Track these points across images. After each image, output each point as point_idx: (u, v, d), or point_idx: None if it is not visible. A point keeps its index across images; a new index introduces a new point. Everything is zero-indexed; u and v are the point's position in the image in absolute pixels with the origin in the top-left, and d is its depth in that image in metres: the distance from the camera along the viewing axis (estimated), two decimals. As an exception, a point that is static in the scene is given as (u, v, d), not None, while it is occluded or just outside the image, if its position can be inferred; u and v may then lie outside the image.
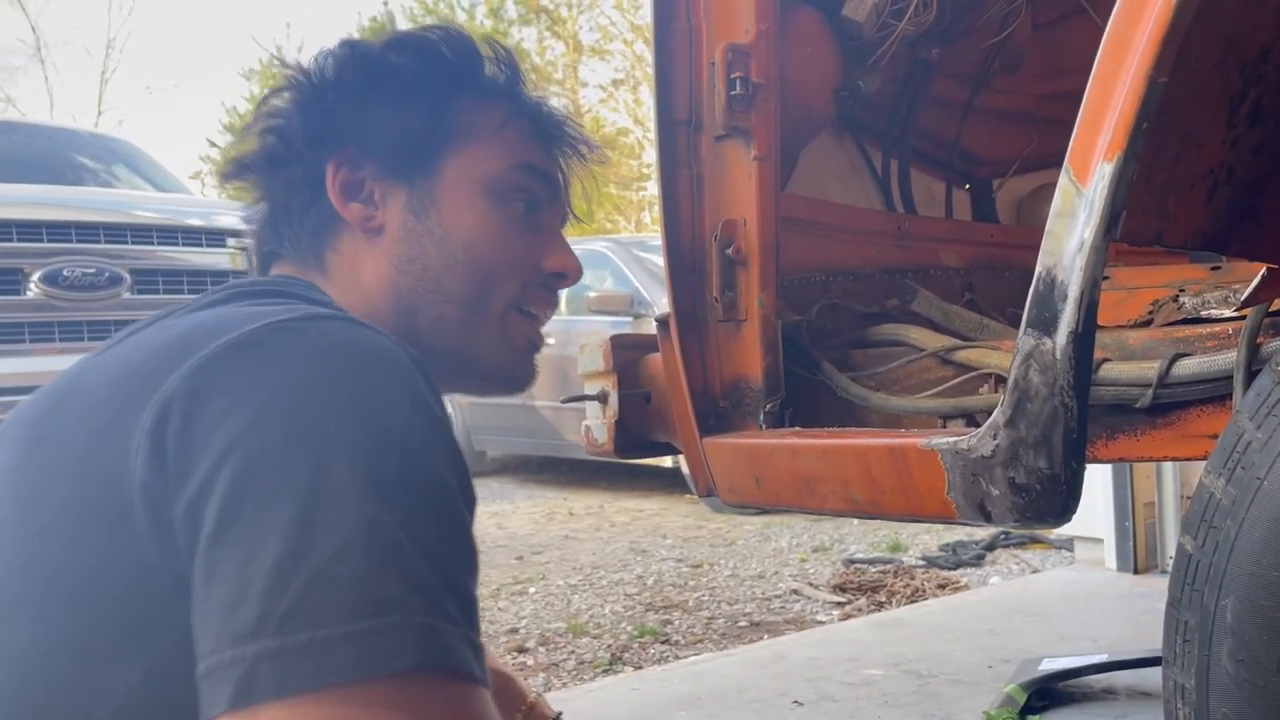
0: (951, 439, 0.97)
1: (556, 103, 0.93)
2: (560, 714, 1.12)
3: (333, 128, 0.81)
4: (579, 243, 6.56)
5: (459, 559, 0.57)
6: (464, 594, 0.56)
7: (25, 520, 0.60)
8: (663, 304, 1.40)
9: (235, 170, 0.85)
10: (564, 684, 2.54)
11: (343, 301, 0.76)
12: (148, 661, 0.56)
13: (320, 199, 0.81)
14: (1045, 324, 0.84)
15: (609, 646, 2.84)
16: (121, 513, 0.56)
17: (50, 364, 3.17)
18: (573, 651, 2.82)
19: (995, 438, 0.90)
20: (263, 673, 0.50)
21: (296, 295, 0.72)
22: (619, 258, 5.84)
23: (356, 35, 0.87)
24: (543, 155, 0.89)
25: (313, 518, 0.52)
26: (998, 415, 0.90)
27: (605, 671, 2.63)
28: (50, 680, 0.57)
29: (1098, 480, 3.12)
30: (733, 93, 1.29)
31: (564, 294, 5.49)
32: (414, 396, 0.59)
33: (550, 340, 5.75)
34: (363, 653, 0.50)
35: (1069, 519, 0.90)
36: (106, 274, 3.33)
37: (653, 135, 1.40)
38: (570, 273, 0.88)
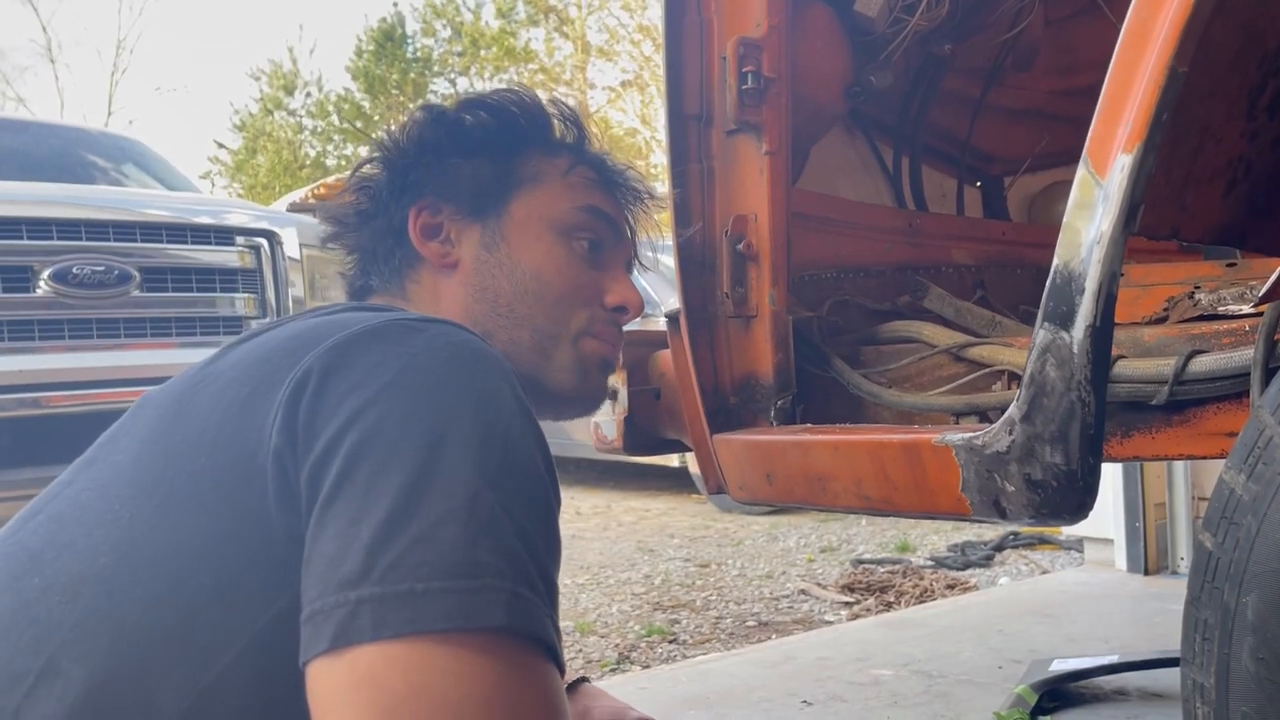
0: (966, 435, 0.96)
1: (616, 159, 1.01)
2: (584, 678, 1.14)
3: (414, 180, 0.92)
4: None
5: (547, 544, 0.61)
6: (548, 577, 0.61)
7: (158, 488, 0.65)
8: (672, 304, 1.39)
9: (331, 228, 0.96)
10: (571, 683, 2.53)
11: None
12: (262, 621, 0.61)
13: (404, 243, 0.90)
14: (1062, 318, 0.83)
15: (616, 646, 2.83)
16: (254, 478, 0.61)
17: (59, 361, 3.17)
18: (580, 650, 2.81)
19: (1011, 433, 0.89)
20: (363, 615, 0.54)
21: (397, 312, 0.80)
22: (627, 257, 5.83)
23: (435, 100, 1.02)
24: (605, 199, 0.96)
25: (422, 485, 0.57)
26: (1013, 410, 0.89)
27: (613, 671, 2.62)
28: (172, 635, 0.61)
29: (1108, 480, 3.10)
30: (744, 87, 1.28)
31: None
32: (515, 394, 0.65)
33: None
34: (456, 606, 0.55)
35: (1085, 515, 0.89)
36: (116, 272, 3.33)
37: (661, 136, 1.39)
38: (631, 306, 0.95)
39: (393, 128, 0.96)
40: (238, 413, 0.64)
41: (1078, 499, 0.87)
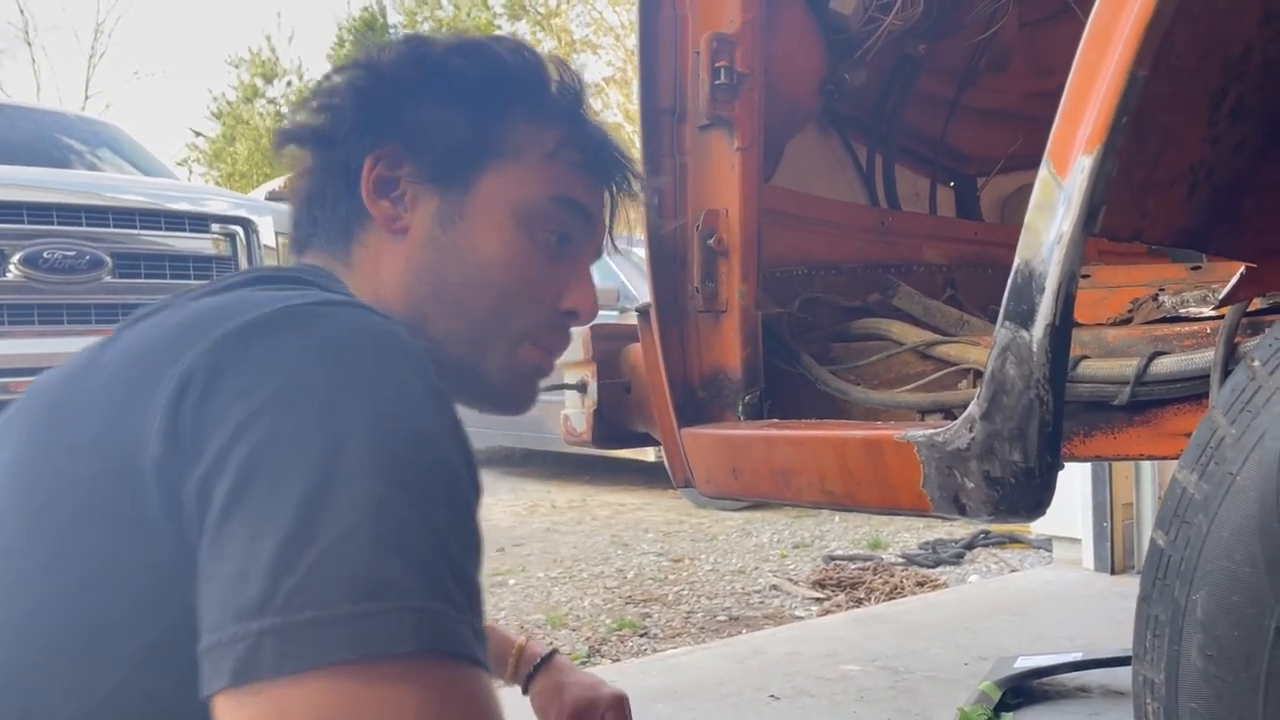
0: (927, 431, 0.96)
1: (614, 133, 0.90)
2: (554, 651, 1.14)
3: (380, 120, 0.80)
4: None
5: (464, 545, 0.57)
6: (468, 579, 0.56)
7: (35, 493, 0.60)
8: (646, 298, 1.39)
9: (284, 139, 0.84)
10: (541, 676, 2.54)
11: (359, 295, 0.75)
12: (150, 637, 0.56)
13: (354, 190, 0.80)
14: (1022, 316, 0.84)
15: (587, 639, 2.83)
16: (134, 487, 0.57)
17: (28, 347, 3.14)
18: (551, 643, 2.81)
19: (971, 430, 0.90)
20: (265, 648, 0.51)
21: (313, 284, 0.72)
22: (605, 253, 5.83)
23: (425, 32, 0.93)
24: (587, 190, 0.86)
25: (323, 498, 0.53)
26: (974, 408, 0.90)
27: (583, 663, 2.62)
28: (52, 654, 0.57)
29: (1076, 481, 3.14)
30: (717, 82, 1.28)
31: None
32: (427, 383, 0.60)
33: (535, 333, 5.74)
34: (363, 633, 0.51)
35: (1042, 513, 0.89)
36: (87, 257, 3.30)
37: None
38: (584, 314, 0.86)
39: (372, 49, 0.83)
40: (119, 414, 0.59)
41: (1035, 496, 0.88)
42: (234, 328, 0.59)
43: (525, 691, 1.15)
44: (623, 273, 5.61)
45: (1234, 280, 1.03)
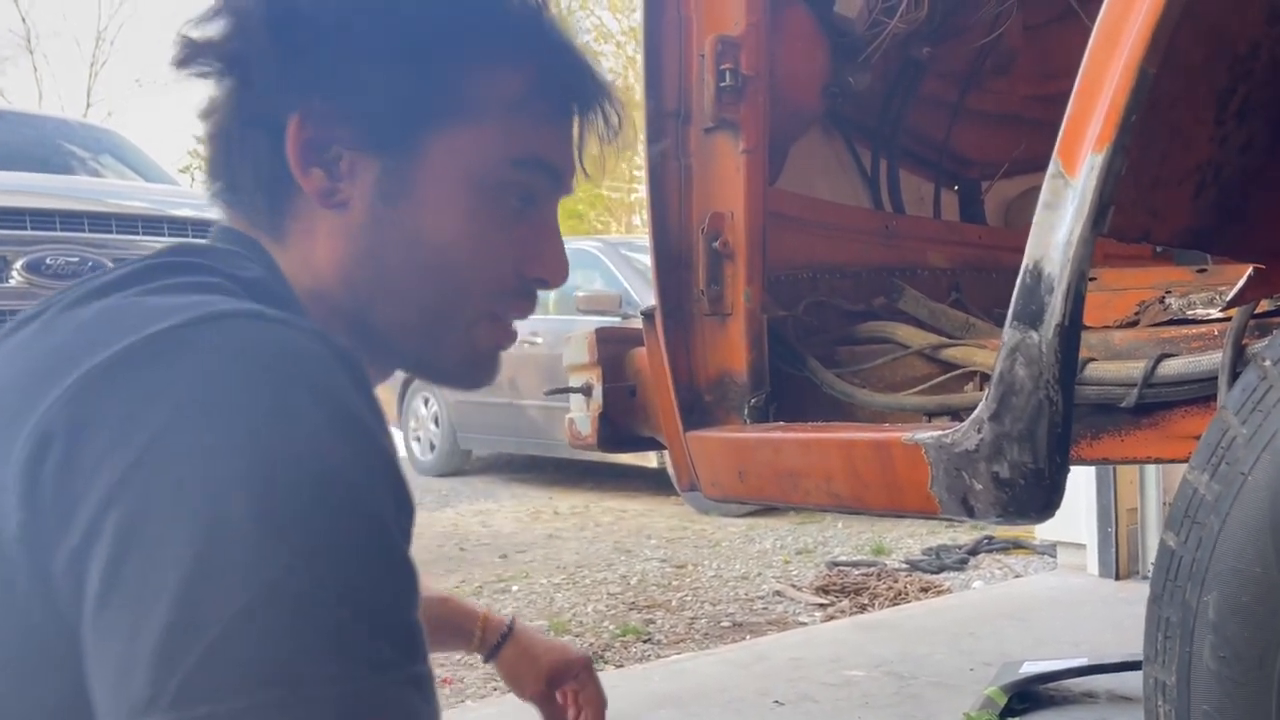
0: (936, 433, 0.96)
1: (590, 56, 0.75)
2: (513, 619, 1.15)
3: (304, 68, 0.65)
4: (569, 243, 6.55)
5: (390, 589, 0.50)
6: (399, 627, 0.50)
7: None
8: (650, 302, 1.39)
9: (189, 55, 0.67)
10: (544, 682, 2.53)
11: (294, 277, 0.67)
12: (49, 707, 0.50)
13: (279, 150, 0.65)
14: (1031, 317, 0.84)
15: (591, 645, 2.83)
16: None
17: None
18: (554, 649, 2.81)
19: (979, 432, 0.90)
20: None
21: (215, 271, 0.61)
22: (608, 258, 5.84)
23: None
24: (556, 141, 0.72)
25: (208, 573, 0.46)
26: (982, 409, 0.90)
27: (586, 670, 2.62)
28: None
29: (1081, 486, 3.13)
30: (722, 84, 1.28)
31: (553, 294, 5.35)
32: (333, 410, 0.51)
33: (538, 339, 5.75)
34: None
35: (1052, 514, 0.89)
36: (90, 263, 3.31)
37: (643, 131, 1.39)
38: (554, 279, 0.74)
39: None
40: None
41: (1045, 497, 0.87)
42: (97, 365, 0.51)
43: (489, 660, 1.15)
44: (625, 278, 5.61)
45: (1241, 282, 1.03)
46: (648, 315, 1.39)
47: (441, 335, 0.70)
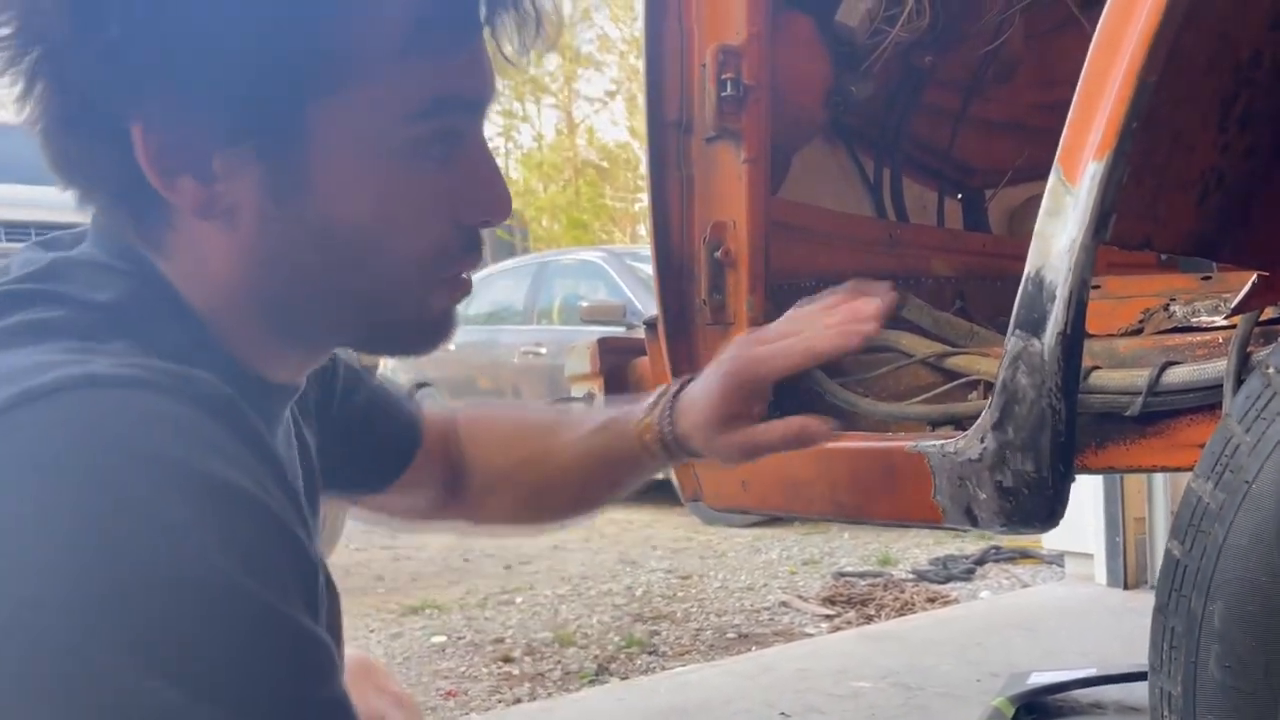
0: (939, 442, 0.96)
1: None
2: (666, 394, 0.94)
3: (132, 60, 0.51)
4: (573, 253, 6.57)
5: (298, 680, 0.44)
6: (317, 713, 0.45)
7: None
8: (654, 312, 1.39)
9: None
10: (549, 694, 2.52)
11: (190, 291, 0.56)
12: None
13: (129, 159, 0.53)
14: (1034, 325, 0.84)
15: (595, 657, 2.82)
16: None
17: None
18: (559, 661, 2.80)
19: (983, 440, 0.89)
20: None
21: (63, 300, 0.51)
22: (612, 268, 5.85)
23: None
24: (465, 66, 0.58)
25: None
26: (985, 418, 0.89)
27: (591, 682, 2.61)
28: None
29: (1088, 495, 3.12)
30: (723, 94, 1.28)
31: (557, 304, 5.36)
32: (188, 489, 0.43)
33: (542, 349, 5.76)
34: None
35: (1055, 524, 0.88)
36: None
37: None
38: (497, 215, 0.62)
39: None
40: None
41: (1048, 507, 0.87)
42: None
43: (673, 457, 0.94)
44: (629, 288, 5.61)
45: (1245, 289, 1.02)
46: (650, 325, 1.39)
47: (387, 318, 0.60)
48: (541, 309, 6.35)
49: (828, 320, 0.90)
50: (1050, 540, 3.38)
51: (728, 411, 0.88)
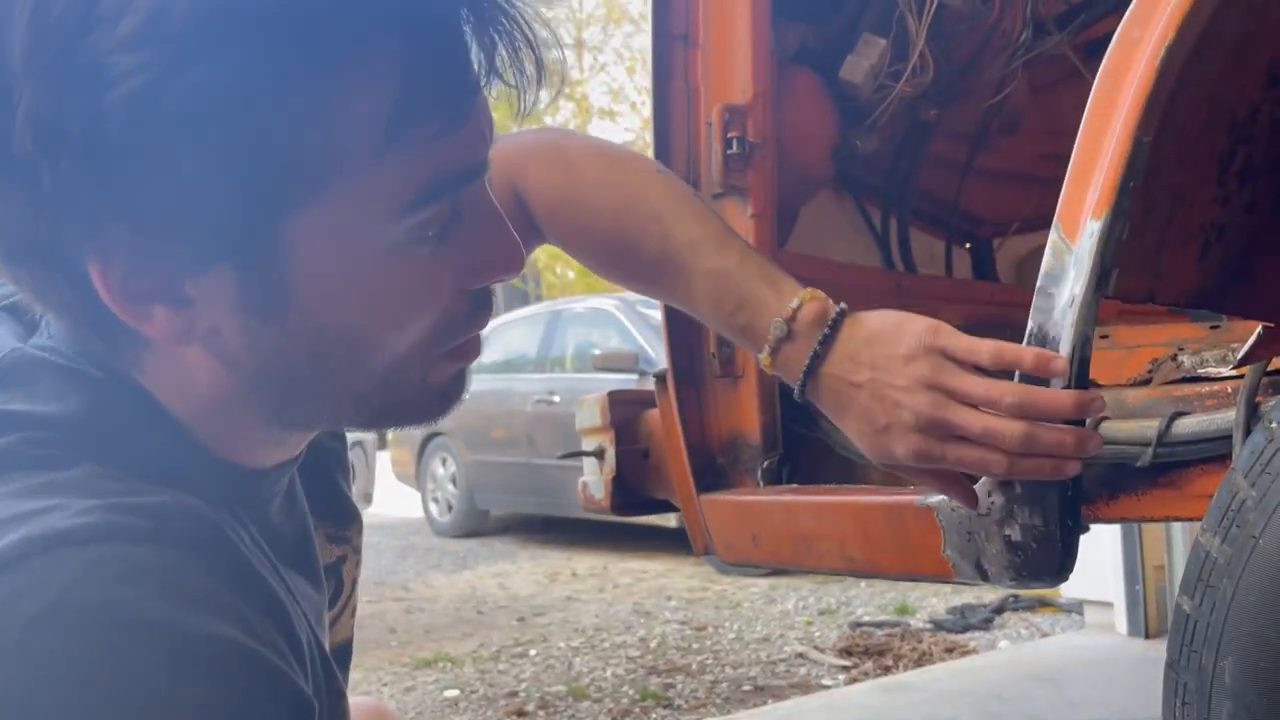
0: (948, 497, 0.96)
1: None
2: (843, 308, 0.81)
3: (74, 209, 0.46)
4: (586, 301, 6.61)
5: None
6: None
7: None
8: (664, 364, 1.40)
9: None
10: (563, 748, 2.50)
11: (171, 402, 0.53)
12: None
13: (89, 290, 0.48)
14: (1038, 382, 0.84)
15: (610, 710, 2.79)
16: None
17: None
18: (573, 715, 2.77)
19: (990, 495, 0.90)
20: None
21: (24, 422, 0.48)
22: (625, 315, 5.87)
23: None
24: (460, 140, 0.51)
25: None
26: (992, 472, 0.89)
27: (605, 736, 2.58)
28: None
29: (1107, 543, 3.09)
30: (729, 152, 1.31)
31: (570, 350, 5.35)
32: (177, 660, 0.41)
33: (555, 398, 5.77)
34: None
35: (1065, 578, 0.88)
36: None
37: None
38: (510, 273, 0.56)
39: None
40: None
41: (1057, 561, 0.87)
42: None
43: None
44: (642, 335, 5.63)
45: (1252, 339, 1.03)
46: (660, 378, 1.40)
47: (391, 402, 0.56)
48: (554, 357, 6.37)
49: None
50: (1070, 589, 3.34)
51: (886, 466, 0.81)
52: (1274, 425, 0.74)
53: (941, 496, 0.98)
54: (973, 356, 0.76)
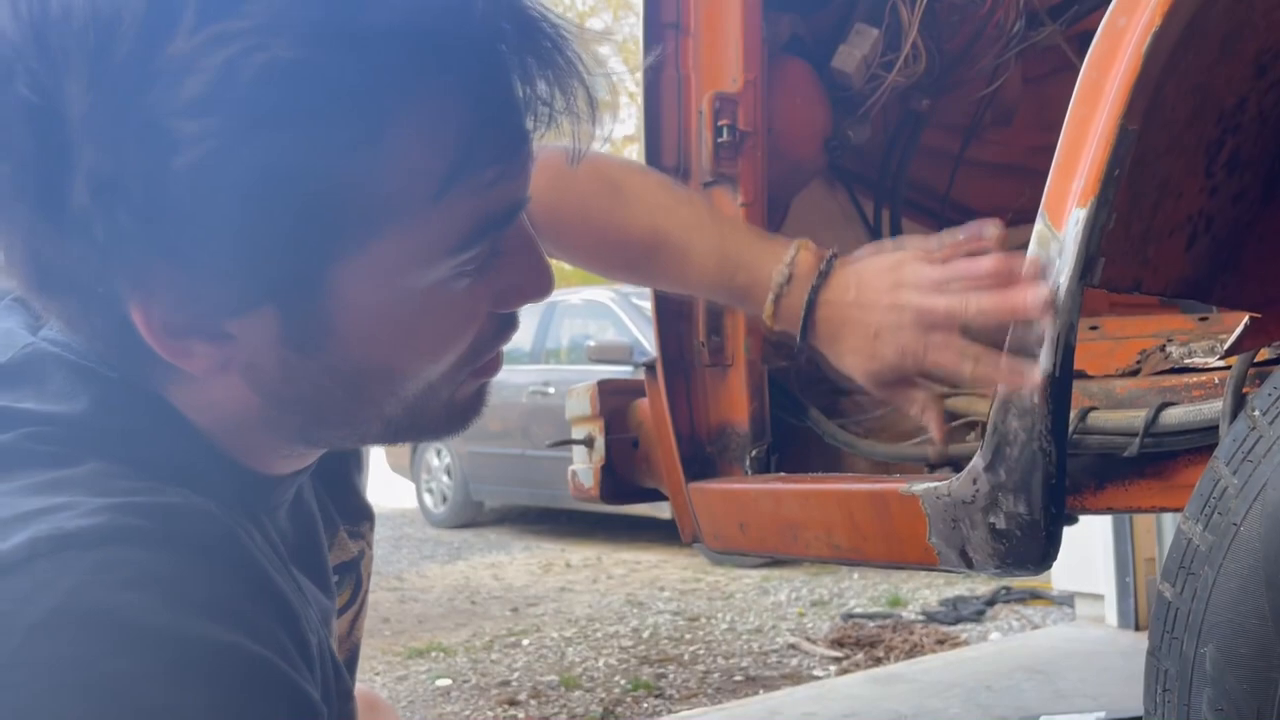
0: (932, 484, 0.96)
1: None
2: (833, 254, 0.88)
3: (124, 259, 0.46)
4: (581, 292, 6.61)
5: None
6: None
7: None
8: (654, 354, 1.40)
9: None
10: (554, 737, 2.51)
11: (195, 415, 0.53)
12: None
13: (125, 322, 0.48)
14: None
15: (601, 700, 2.80)
16: None
17: None
18: (564, 705, 2.78)
19: (975, 483, 0.90)
20: None
21: (32, 419, 0.48)
22: (620, 308, 5.87)
23: None
24: (510, 179, 0.51)
25: None
26: (977, 460, 0.90)
27: (597, 726, 2.59)
28: None
29: (1098, 535, 3.09)
30: (719, 140, 1.30)
31: (565, 342, 5.36)
32: (183, 666, 0.41)
33: (550, 389, 5.77)
34: None
35: (1049, 566, 0.89)
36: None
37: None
38: (540, 296, 0.58)
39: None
40: None
41: (1041, 549, 0.87)
42: None
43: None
44: (637, 327, 5.63)
45: (1238, 331, 1.03)
46: (649, 367, 1.40)
47: (419, 419, 0.56)
48: (549, 349, 6.37)
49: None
50: (1060, 581, 3.35)
51: (881, 377, 0.84)
52: (1256, 414, 0.74)
53: (927, 484, 0.98)
54: (933, 254, 0.83)
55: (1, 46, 0.44)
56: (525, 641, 3.53)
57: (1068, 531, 0.93)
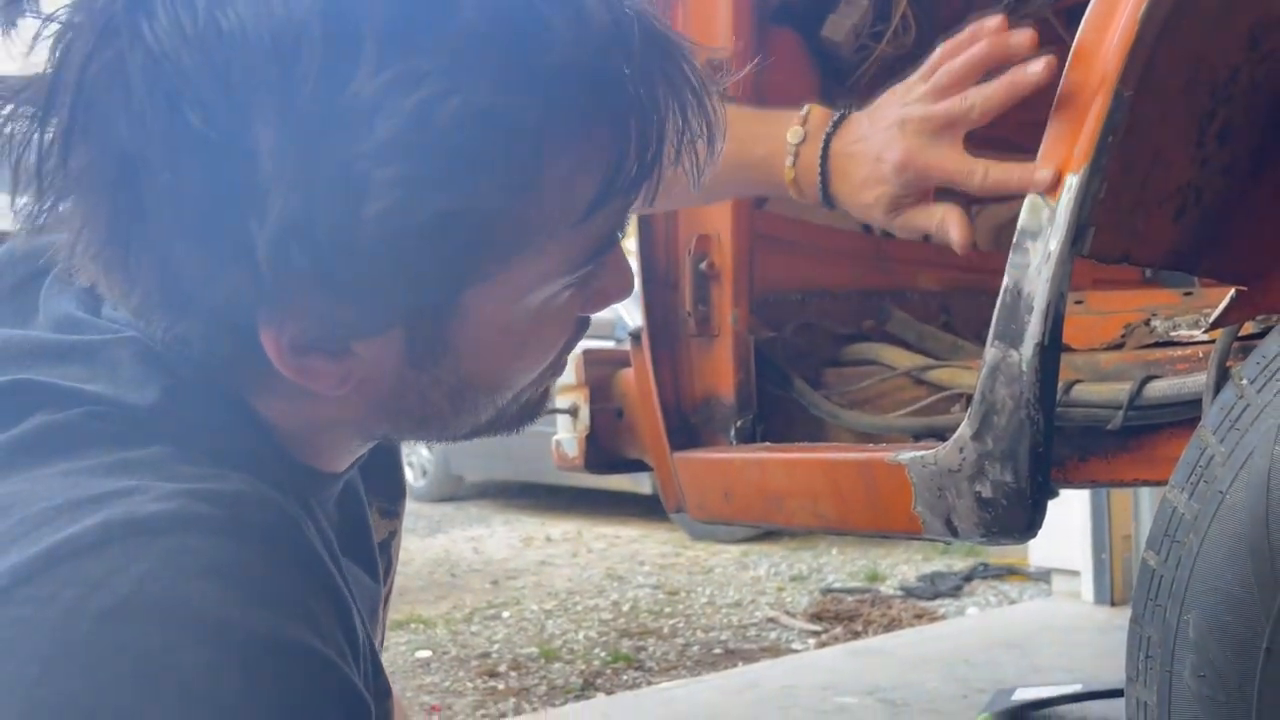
0: (919, 453, 0.96)
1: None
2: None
3: (268, 284, 0.45)
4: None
5: None
6: None
7: None
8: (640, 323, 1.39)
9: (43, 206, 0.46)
10: (534, 709, 2.51)
11: (283, 422, 0.53)
12: None
13: (250, 343, 0.48)
14: (1011, 337, 0.84)
15: (581, 672, 2.81)
16: None
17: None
18: (544, 676, 2.79)
19: (962, 451, 0.90)
20: None
21: (100, 401, 0.47)
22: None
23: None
24: (628, 201, 0.52)
25: None
26: (964, 429, 0.90)
27: (577, 697, 2.60)
28: None
29: (1075, 512, 3.12)
30: (708, 107, 1.29)
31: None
32: (249, 663, 0.41)
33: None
34: None
35: (1034, 534, 0.89)
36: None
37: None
38: (624, 299, 0.60)
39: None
40: None
41: (1027, 517, 0.87)
42: None
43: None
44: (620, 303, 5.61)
45: (1224, 303, 1.03)
46: (635, 336, 1.40)
47: (499, 420, 0.58)
48: (532, 324, 6.34)
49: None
50: (1037, 557, 3.38)
51: (896, 201, 0.87)
52: (1244, 382, 0.74)
53: (913, 453, 0.98)
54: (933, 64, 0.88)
55: (163, 66, 0.42)
56: (505, 614, 3.54)
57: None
